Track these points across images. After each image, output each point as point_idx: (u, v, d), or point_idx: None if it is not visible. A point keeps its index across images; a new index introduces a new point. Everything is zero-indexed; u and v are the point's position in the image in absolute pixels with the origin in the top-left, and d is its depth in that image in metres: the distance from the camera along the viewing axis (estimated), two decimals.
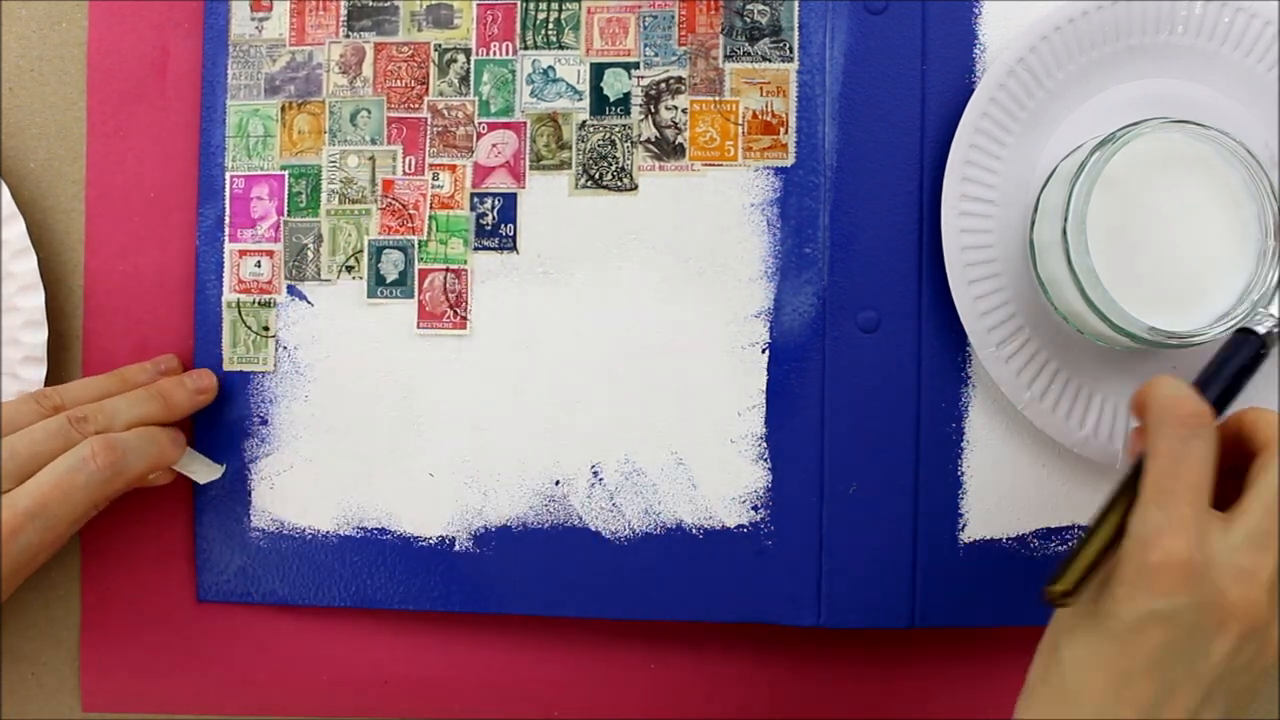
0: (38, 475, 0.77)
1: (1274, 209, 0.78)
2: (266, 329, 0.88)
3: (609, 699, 0.92)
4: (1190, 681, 0.65)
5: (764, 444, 0.86)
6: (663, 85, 0.86)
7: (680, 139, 0.86)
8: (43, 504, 0.76)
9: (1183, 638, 0.65)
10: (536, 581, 0.87)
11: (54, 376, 0.89)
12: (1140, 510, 0.66)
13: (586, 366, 0.87)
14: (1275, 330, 0.78)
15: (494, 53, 0.87)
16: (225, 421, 0.88)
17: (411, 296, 0.87)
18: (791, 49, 0.86)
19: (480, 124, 0.87)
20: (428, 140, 0.87)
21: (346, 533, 0.88)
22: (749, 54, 0.86)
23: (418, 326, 0.87)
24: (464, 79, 0.87)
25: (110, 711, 0.92)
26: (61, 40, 0.90)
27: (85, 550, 0.90)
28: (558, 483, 0.87)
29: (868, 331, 0.85)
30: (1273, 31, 0.83)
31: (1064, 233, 0.78)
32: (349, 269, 0.87)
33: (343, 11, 0.87)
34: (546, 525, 0.87)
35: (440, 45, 0.87)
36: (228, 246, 0.88)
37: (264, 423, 0.88)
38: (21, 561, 0.76)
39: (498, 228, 0.87)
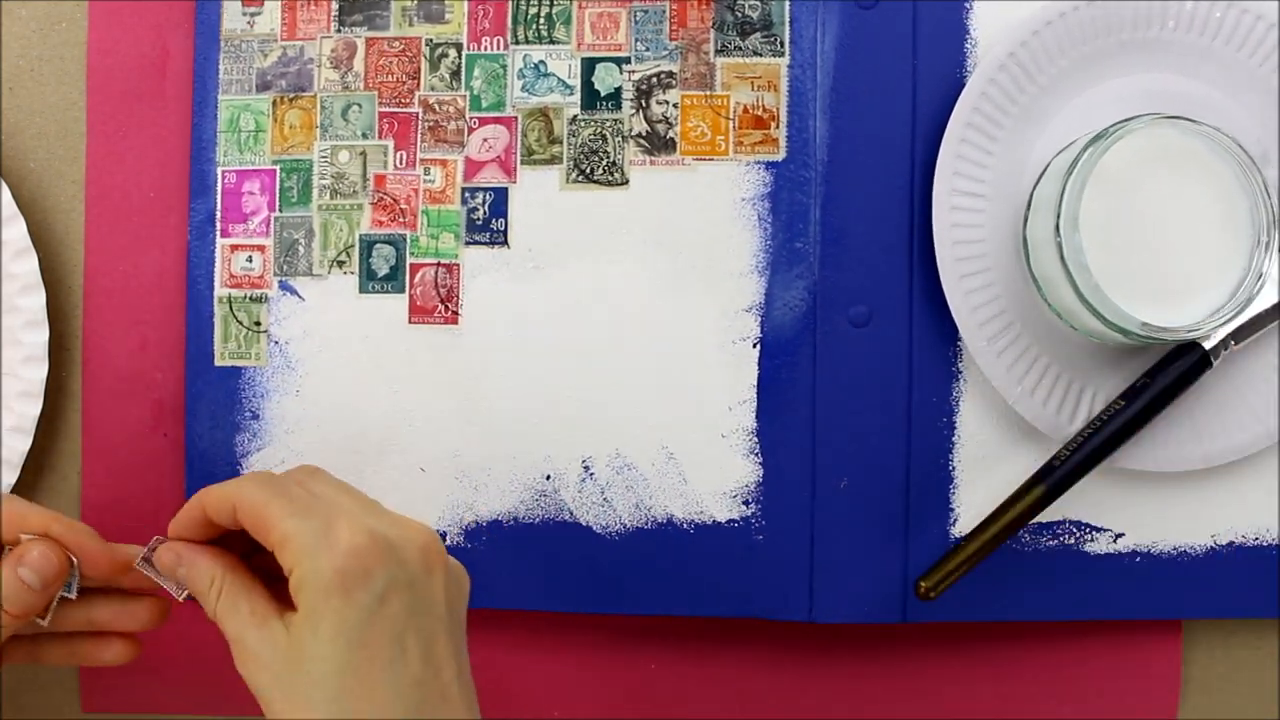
0: None
1: (1266, 204, 0.78)
2: (258, 324, 0.88)
3: (608, 698, 0.91)
4: (439, 628, 0.70)
5: (755, 438, 0.86)
6: (654, 80, 0.86)
7: (671, 133, 0.86)
8: None
9: (413, 595, 0.69)
10: (527, 576, 0.87)
11: (54, 376, 0.89)
12: (294, 526, 0.69)
13: (577, 361, 0.87)
14: (1221, 345, 0.80)
15: (485, 47, 0.87)
16: (217, 416, 0.89)
17: (403, 291, 0.87)
18: (782, 44, 0.86)
19: (471, 119, 0.87)
20: (419, 135, 0.87)
21: None
22: (740, 49, 0.86)
23: (409, 321, 0.87)
24: (455, 74, 0.87)
25: (110, 711, 0.92)
26: (61, 40, 0.90)
27: None
28: (548, 477, 0.87)
29: (859, 326, 0.85)
30: (1264, 26, 0.83)
31: (1057, 229, 0.78)
32: (340, 264, 0.87)
33: (334, 6, 0.87)
34: (537, 520, 0.87)
35: (431, 40, 0.87)
36: (219, 242, 0.88)
37: (255, 417, 0.88)
38: None
39: (489, 222, 0.87)
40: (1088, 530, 0.87)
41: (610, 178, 0.86)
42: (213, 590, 0.73)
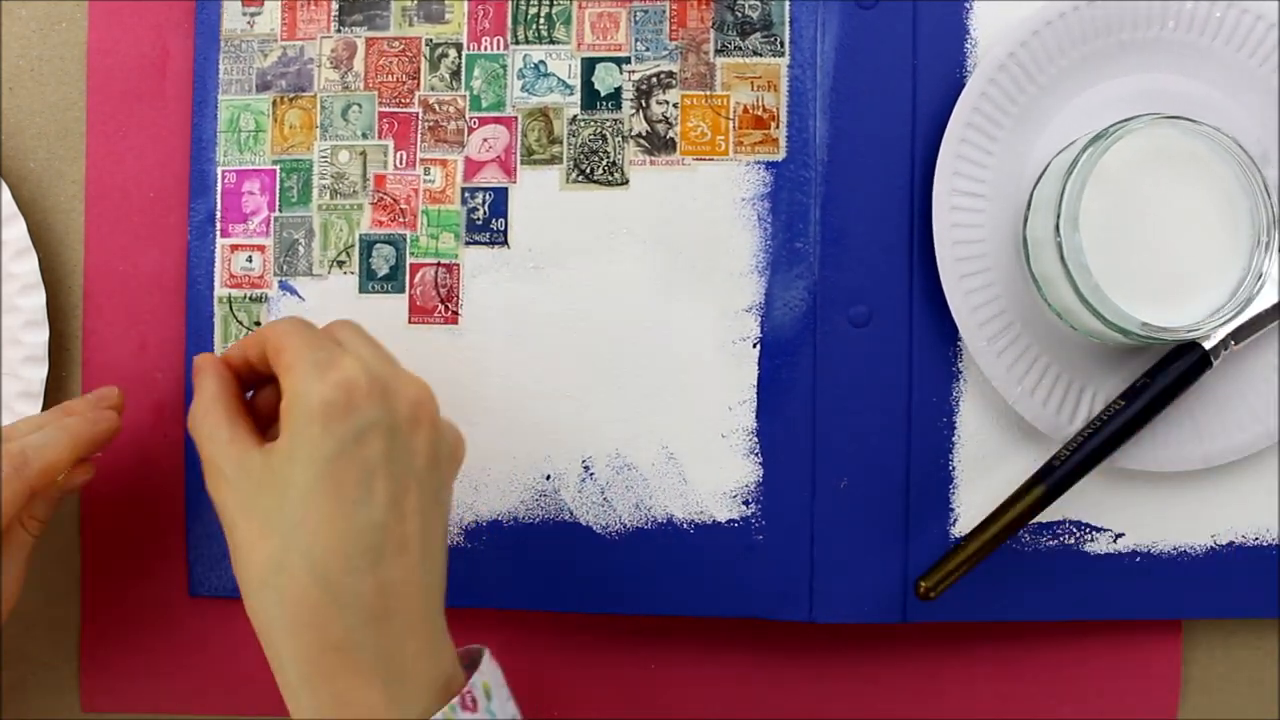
0: None
1: (1266, 204, 0.78)
2: (258, 324, 0.87)
3: (608, 698, 0.91)
4: (413, 481, 0.72)
5: (755, 438, 0.86)
6: (654, 80, 0.87)
7: (671, 133, 0.86)
8: None
9: (393, 442, 0.71)
10: (528, 576, 0.87)
11: (54, 376, 0.90)
12: (304, 354, 0.72)
13: (577, 361, 0.87)
14: (1221, 345, 0.80)
15: (485, 47, 0.87)
16: None
17: (403, 291, 0.87)
18: (782, 44, 0.86)
19: (471, 119, 0.87)
20: (419, 135, 0.87)
21: None
22: (740, 49, 0.86)
23: (409, 321, 0.87)
24: (455, 74, 0.87)
25: (110, 711, 0.92)
26: (61, 40, 0.90)
27: (85, 550, 0.90)
28: (549, 477, 0.87)
29: (859, 326, 0.85)
30: (1264, 26, 0.83)
31: (1057, 228, 0.78)
32: (340, 264, 0.87)
33: (334, 6, 0.87)
34: (537, 520, 0.87)
35: (431, 40, 0.87)
36: (219, 242, 0.88)
37: None
38: None
39: (489, 222, 0.87)
40: (1088, 530, 0.87)
41: (610, 178, 0.87)
42: (199, 405, 0.76)
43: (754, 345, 0.86)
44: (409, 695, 0.70)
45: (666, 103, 0.86)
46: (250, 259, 0.88)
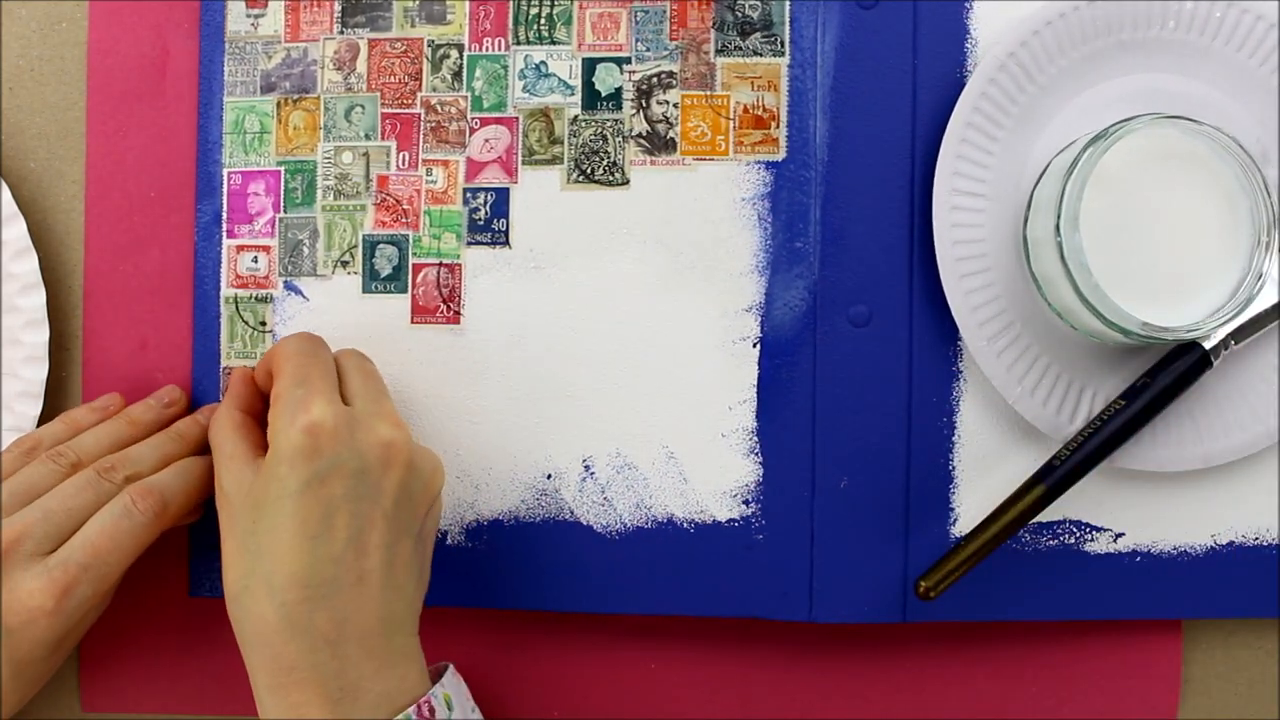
0: (84, 529, 0.78)
1: (1266, 204, 0.79)
2: (263, 324, 0.88)
3: (608, 698, 0.91)
4: (379, 518, 0.76)
5: (755, 438, 0.86)
6: (654, 80, 0.87)
7: (672, 133, 0.86)
8: (94, 555, 0.77)
9: (358, 482, 0.75)
10: (528, 575, 0.87)
11: (54, 376, 0.89)
12: (287, 389, 0.77)
13: (578, 361, 0.87)
14: (1221, 345, 0.81)
15: (486, 48, 0.87)
16: None
17: (405, 291, 0.87)
18: (783, 44, 0.86)
19: (473, 119, 0.87)
20: (421, 136, 0.87)
21: None
22: (740, 48, 0.86)
23: (411, 321, 0.87)
24: (457, 74, 0.87)
25: (110, 711, 0.92)
26: (61, 40, 0.90)
27: None
28: (549, 476, 0.87)
29: (859, 326, 0.85)
30: (1264, 26, 0.84)
31: (1057, 228, 0.78)
32: (344, 264, 0.88)
33: (337, 8, 0.88)
34: (538, 519, 0.87)
35: (433, 41, 0.87)
36: (225, 242, 0.88)
37: None
38: (76, 618, 0.77)
39: (490, 222, 0.87)
40: (1088, 530, 0.87)
41: (611, 178, 0.87)
42: (216, 416, 0.83)
43: (754, 345, 0.86)
44: (360, 712, 0.73)
45: (667, 103, 0.86)
46: (256, 259, 0.88)
